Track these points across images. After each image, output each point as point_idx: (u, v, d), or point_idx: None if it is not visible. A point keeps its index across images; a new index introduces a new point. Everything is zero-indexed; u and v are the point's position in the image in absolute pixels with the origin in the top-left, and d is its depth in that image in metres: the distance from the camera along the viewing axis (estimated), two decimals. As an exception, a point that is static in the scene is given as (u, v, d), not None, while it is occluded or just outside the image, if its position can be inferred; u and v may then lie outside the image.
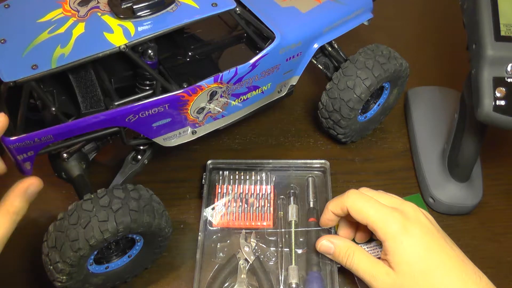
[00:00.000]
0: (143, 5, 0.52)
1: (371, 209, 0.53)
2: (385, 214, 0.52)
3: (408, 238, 0.51)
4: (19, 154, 0.50)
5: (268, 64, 0.61)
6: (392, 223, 0.51)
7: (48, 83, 0.55)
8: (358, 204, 0.54)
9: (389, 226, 0.51)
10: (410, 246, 0.51)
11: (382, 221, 0.52)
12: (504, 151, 0.73)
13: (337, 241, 0.57)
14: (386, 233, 0.51)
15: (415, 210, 0.53)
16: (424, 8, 0.96)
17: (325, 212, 0.58)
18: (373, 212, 0.53)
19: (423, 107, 0.75)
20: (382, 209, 0.53)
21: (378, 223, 0.52)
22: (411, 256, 0.50)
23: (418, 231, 0.51)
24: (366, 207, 0.53)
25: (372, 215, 0.53)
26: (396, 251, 0.51)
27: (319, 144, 0.73)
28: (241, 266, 0.58)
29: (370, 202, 0.54)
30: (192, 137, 0.62)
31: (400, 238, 0.51)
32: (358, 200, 0.54)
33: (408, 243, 0.51)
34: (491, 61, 0.53)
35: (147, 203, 0.51)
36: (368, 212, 0.53)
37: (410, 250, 0.50)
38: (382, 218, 0.52)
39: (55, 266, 0.48)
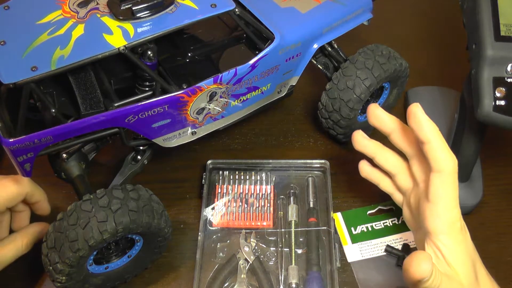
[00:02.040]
0: (142, 6, 0.52)
1: (449, 194, 0.49)
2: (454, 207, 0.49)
3: (464, 238, 0.49)
4: (19, 156, 0.50)
5: (268, 65, 0.61)
6: (457, 218, 0.49)
7: (48, 84, 0.55)
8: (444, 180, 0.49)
9: (454, 221, 0.48)
10: (466, 247, 0.49)
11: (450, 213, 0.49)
12: (504, 151, 0.72)
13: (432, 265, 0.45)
14: (449, 227, 0.48)
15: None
16: (424, 8, 0.96)
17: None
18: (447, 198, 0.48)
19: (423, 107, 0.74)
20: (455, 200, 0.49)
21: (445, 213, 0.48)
22: (467, 258, 0.48)
23: (468, 233, 0.50)
24: (447, 189, 0.49)
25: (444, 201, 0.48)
26: (456, 249, 0.48)
27: (319, 144, 0.73)
28: (241, 266, 0.58)
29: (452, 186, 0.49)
30: (192, 137, 0.62)
31: (460, 237, 0.48)
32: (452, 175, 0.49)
33: (465, 243, 0.49)
34: (491, 61, 0.53)
35: (146, 203, 0.51)
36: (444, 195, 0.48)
37: (467, 251, 0.49)
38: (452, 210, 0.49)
39: (54, 266, 0.48)
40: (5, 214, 0.56)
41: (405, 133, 0.55)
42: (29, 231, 0.55)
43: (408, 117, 0.51)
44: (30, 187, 0.54)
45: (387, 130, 0.55)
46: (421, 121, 0.50)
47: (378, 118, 0.55)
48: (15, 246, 0.54)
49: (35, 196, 0.55)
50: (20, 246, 0.54)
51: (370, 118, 0.55)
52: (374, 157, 0.57)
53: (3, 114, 0.52)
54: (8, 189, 0.53)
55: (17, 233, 0.55)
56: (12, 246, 0.54)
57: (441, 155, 0.49)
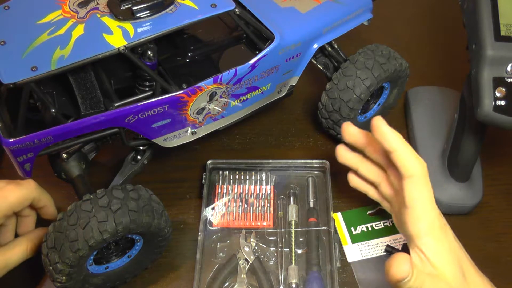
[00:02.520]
0: (142, 6, 0.52)
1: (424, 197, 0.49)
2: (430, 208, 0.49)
3: (447, 237, 0.49)
4: (19, 156, 0.50)
5: (268, 65, 0.61)
6: (436, 219, 0.49)
7: (48, 84, 0.55)
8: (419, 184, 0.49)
9: (432, 222, 0.49)
10: (449, 246, 0.49)
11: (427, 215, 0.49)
12: (504, 151, 0.73)
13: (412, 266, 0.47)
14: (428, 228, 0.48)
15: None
16: (424, 8, 0.96)
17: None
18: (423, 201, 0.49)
19: (423, 107, 0.75)
20: (430, 202, 0.49)
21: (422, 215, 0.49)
22: (451, 257, 0.48)
23: (451, 232, 0.50)
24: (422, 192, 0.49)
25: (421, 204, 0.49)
26: (438, 249, 0.48)
27: (319, 144, 0.73)
28: (241, 266, 0.58)
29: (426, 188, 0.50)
30: (192, 137, 0.62)
31: (441, 237, 0.48)
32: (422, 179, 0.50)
33: (447, 242, 0.49)
34: (491, 61, 0.53)
35: (146, 203, 0.51)
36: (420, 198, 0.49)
37: (450, 250, 0.49)
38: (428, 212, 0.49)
39: (54, 266, 0.48)
40: (11, 218, 0.56)
41: (377, 146, 0.56)
42: (35, 236, 0.55)
43: (372, 131, 0.53)
44: (37, 192, 0.54)
45: (360, 145, 0.57)
46: (384, 133, 0.51)
47: (350, 135, 0.57)
48: (21, 249, 0.54)
49: (42, 200, 0.55)
50: (25, 250, 0.54)
51: (343, 134, 0.58)
52: (357, 168, 0.60)
53: (3, 114, 0.52)
54: (15, 193, 0.53)
55: (22, 237, 0.55)
56: (17, 250, 0.54)
57: (408, 161, 0.50)
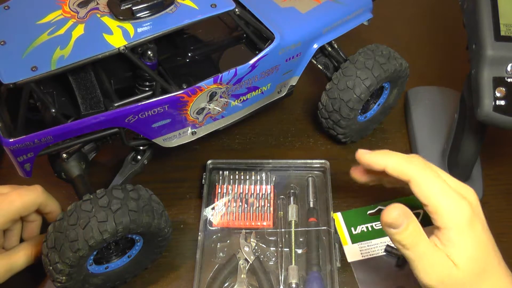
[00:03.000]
0: (142, 6, 0.52)
1: (440, 191, 0.47)
2: (454, 200, 0.47)
3: (473, 232, 0.46)
4: (19, 156, 0.50)
5: (268, 65, 0.61)
6: (460, 212, 0.46)
7: (48, 84, 0.55)
8: (424, 179, 0.47)
9: (456, 215, 0.46)
10: (474, 242, 0.46)
11: (449, 207, 0.46)
12: (504, 151, 0.72)
13: (410, 221, 0.47)
14: (451, 222, 0.46)
15: (477, 199, 0.49)
16: (424, 8, 0.96)
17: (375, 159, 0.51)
18: (441, 195, 0.47)
19: (423, 107, 0.75)
20: (451, 194, 0.47)
21: (443, 208, 0.46)
22: (475, 253, 0.46)
23: (481, 226, 0.47)
24: (435, 187, 0.47)
25: (439, 198, 0.47)
26: (460, 244, 0.46)
27: (319, 144, 0.73)
28: (241, 266, 0.58)
29: (438, 181, 0.47)
30: (192, 137, 0.62)
31: (466, 232, 0.46)
32: (425, 173, 0.48)
33: (472, 238, 0.46)
34: (491, 61, 0.53)
35: (146, 203, 0.51)
36: (436, 193, 0.47)
37: (474, 246, 0.46)
38: (449, 204, 0.46)
39: (54, 266, 0.48)
40: (17, 223, 0.56)
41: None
42: (40, 241, 0.55)
43: (362, 163, 0.53)
44: (43, 197, 0.54)
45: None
46: (371, 158, 0.52)
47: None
48: (26, 254, 0.54)
49: (48, 206, 0.55)
50: (30, 256, 0.54)
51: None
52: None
53: (3, 114, 0.52)
54: (21, 198, 0.53)
55: (27, 243, 0.55)
56: (22, 255, 0.54)
57: (403, 169, 0.49)
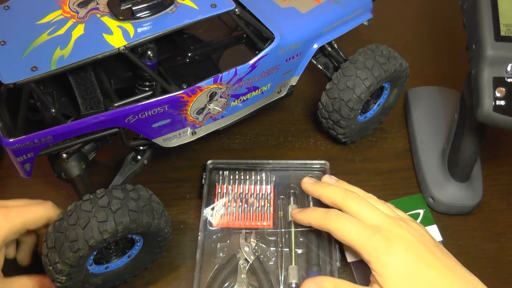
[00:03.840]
0: (142, 6, 0.52)
1: (353, 233, 0.52)
2: (366, 236, 0.52)
3: (392, 258, 0.50)
4: (19, 156, 0.50)
5: (268, 65, 0.61)
6: (375, 244, 0.51)
7: (48, 84, 0.55)
8: (340, 227, 0.54)
9: (371, 248, 0.51)
10: (396, 266, 0.50)
11: (364, 244, 0.51)
12: (504, 151, 0.73)
13: (324, 283, 0.53)
14: (369, 255, 0.51)
15: (401, 226, 0.52)
16: (424, 8, 0.96)
17: (304, 216, 0.58)
18: (354, 235, 0.52)
19: (423, 107, 0.75)
20: (363, 231, 0.52)
21: (360, 246, 0.52)
22: (400, 275, 0.49)
23: (403, 249, 0.50)
24: (348, 230, 0.53)
25: (354, 238, 0.52)
26: (383, 272, 0.50)
27: (319, 144, 0.73)
28: (241, 266, 0.58)
29: (351, 224, 0.53)
30: (192, 137, 0.62)
31: (384, 259, 0.50)
32: (340, 223, 0.54)
33: (393, 263, 0.50)
34: (491, 61, 0.53)
35: (147, 203, 0.51)
36: (349, 234, 0.53)
37: (397, 269, 0.49)
38: (364, 241, 0.51)
39: (54, 266, 0.48)
40: (29, 236, 0.56)
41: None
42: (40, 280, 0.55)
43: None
44: (53, 212, 0.54)
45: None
46: (297, 218, 0.59)
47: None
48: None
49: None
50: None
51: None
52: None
53: (3, 114, 0.52)
54: (31, 211, 0.53)
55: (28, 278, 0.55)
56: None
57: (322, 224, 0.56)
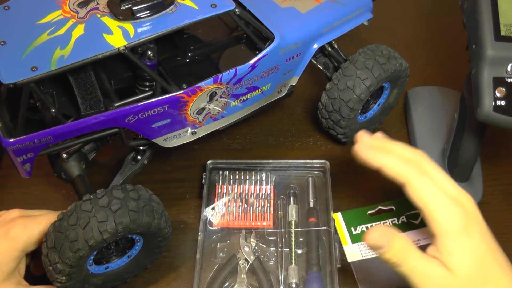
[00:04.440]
0: (142, 6, 0.52)
1: (434, 198, 0.46)
2: (447, 206, 0.46)
3: (469, 239, 0.45)
4: (19, 156, 0.50)
5: (268, 65, 0.61)
6: (455, 219, 0.45)
7: (48, 84, 0.55)
8: (420, 186, 0.47)
9: (450, 222, 0.45)
10: (471, 249, 0.45)
11: (443, 214, 0.46)
12: (504, 151, 0.72)
13: (394, 239, 0.47)
14: (445, 229, 0.45)
15: (474, 206, 0.47)
16: (424, 8, 0.96)
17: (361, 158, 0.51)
18: (435, 201, 0.46)
19: (423, 107, 0.75)
20: (445, 201, 0.46)
21: (438, 215, 0.46)
22: (472, 260, 0.45)
23: (478, 232, 0.46)
24: (429, 193, 0.46)
25: (433, 205, 0.46)
26: (456, 252, 0.45)
27: (319, 144, 0.73)
28: (241, 266, 0.58)
29: (434, 187, 0.46)
30: (192, 137, 0.62)
31: (461, 238, 0.45)
32: (422, 179, 0.47)
33: (469, 244, 0.45)
34: (491, 61, 0.53)
35: (147, 203, 0.51)
36: (430, 200, 0.46)
37: (471, 253, 0.45)
38: (444, 211, 0.46)
39: (54, 266, 0.48)
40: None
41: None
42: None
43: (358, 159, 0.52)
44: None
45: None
46: (367, 157, 0.51)
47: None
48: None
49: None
50: None
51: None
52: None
53: (3, 114, 0.52)
54: (41, 225, 0.53)
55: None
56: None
57: (397, 172, 0.48)
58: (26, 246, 0.52)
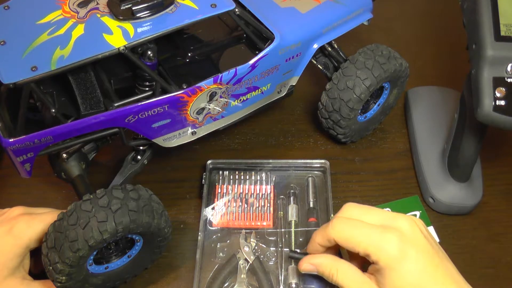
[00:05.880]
0: (142, 6, 0.52)
1: (361, 235, 0.48)
2: (378, 237, 0.47)
3: (405, 263, 0.46)
4: (19, 156, 0.50)
5: (268, 65, 0.61)
6: (388, 247, 0.46)
7: (48, 84, 0.55)
8: (346, 233, 0.49)
9: (384, 251, 0.46)
10: (406, 272, 0.46)
11: (375, 246, 0.47)
12: (504, 151, 0.73)
13: (318, 260, 0.51)
14: (381, 259, 0.46)
15: (411, 224, 0.48)
16: (424, 8, 0.96)
17: (311, 243, 0.53)
18: (363, 237, 0.47)
19: (423, 107, 0.75)
20: (373, 233, 0.47)
21: (371, 249, 0.47)
22: (406, 282, 0.46)
23: (414, 252, 0.46)
24: (355, 234, 0.48)
25: (362, 241, 0.47)
26: (392, 278, 0.46)
27: (319, 144, 0.73)
28: (241, 266, 0.58)
29: (358, 227, 0.48)
30: (192, 137, 0.62)
31: (397, 265, 0.46)
32: (344, 228, 0.49)
33: (404, 268, 0.46)
34: (491, 61, 0.53)
35: (146, 203, 0.51)
36: (358, 238, 0.48)
37: (406, 276, 0.46)
38: (375, 243, 0.47)
39: (54, 266, 0.48)
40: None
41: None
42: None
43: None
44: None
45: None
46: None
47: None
48: None
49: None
50: None
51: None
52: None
53: (3, 114, 0.52)
54: (45, 222, 0.52)
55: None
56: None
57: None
58: (29, 243, 0.52)
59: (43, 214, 0.54)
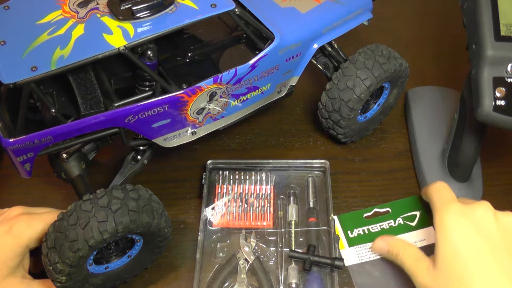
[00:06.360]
0: (142, 6, 0.52)
1: (453, 198, 0.53)
2: (449, 200, 0.52)
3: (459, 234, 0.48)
4: (19, 156, 0.50)
5: (268, 65, 0.61)
6: (452, 211, 0.51)
7: (48, 84, 0.55)
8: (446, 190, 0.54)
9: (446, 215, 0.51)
10: (455, 242, 0.48)
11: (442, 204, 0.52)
12: (504, 151, 0.72)
13: (392, 240, 0.57)
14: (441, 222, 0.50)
15: (486, 210, 0.51)
16: (424, 8, 0.96)
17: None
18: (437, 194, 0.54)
19: (423, 107, 0.75)
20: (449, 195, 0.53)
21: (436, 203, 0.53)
22: (452, 255, 0.48)
23: (472, 229, 0.49)
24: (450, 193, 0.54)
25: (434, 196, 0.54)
26: (441, 245, 0.49)
27: (319, 144, 0.73)
28: (241, 266, 0.58)
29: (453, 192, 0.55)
30: (192, 137, 0.62)
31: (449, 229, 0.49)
32: (446, 186, 0.55)
33: (456, 237, 0.48)
34: (491, 61, 0.53)
35: (146, 203, 0.51)
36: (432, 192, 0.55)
37: (453, 247, 0.48)
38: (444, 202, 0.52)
39: (54, 266, 0.48)
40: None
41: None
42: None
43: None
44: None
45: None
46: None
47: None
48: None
49: None
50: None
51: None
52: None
53: (3, 114, 0.52)
54: (45, 222, 0.53)
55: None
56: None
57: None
58: (29, 243, 0.52)
59: (43, 214, 0.54)
